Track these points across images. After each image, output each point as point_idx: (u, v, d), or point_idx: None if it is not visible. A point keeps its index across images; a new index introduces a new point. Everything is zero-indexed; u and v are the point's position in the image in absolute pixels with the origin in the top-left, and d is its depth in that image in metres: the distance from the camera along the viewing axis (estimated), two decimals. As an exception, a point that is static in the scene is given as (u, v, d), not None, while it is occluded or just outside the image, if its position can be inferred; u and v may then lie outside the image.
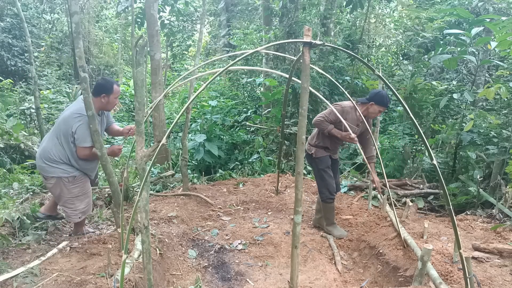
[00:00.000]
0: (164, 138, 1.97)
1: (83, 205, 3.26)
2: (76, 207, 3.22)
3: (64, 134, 3.03)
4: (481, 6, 6.53)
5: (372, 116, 3.65)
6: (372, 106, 3.55)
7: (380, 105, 3.52)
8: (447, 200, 2.05)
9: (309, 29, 1.91)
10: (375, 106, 3.53)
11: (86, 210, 3.33)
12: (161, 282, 2.93)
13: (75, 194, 3.19)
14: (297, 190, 2.07)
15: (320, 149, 3.80)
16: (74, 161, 3.12)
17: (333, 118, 3.55)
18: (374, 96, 3.53)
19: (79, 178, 3.20)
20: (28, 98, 8.56)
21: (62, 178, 3.10)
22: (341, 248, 3.74)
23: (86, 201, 3.29)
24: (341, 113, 3.48)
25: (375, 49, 9.91)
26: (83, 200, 3.26)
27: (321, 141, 3.79)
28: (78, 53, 2.73)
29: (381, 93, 3.52)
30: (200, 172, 6.39)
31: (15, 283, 2.40)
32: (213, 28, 15.82)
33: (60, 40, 13.32)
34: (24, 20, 4.66)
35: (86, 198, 3.29)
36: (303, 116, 2.01)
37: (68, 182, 3.13)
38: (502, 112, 4.87)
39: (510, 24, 3.61)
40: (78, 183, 3.19)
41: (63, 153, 3.07)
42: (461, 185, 4.65)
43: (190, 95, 4.88)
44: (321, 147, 3.80)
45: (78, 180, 3.19)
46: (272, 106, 7.52)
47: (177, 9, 7.96)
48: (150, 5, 5.45)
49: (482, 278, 2.56)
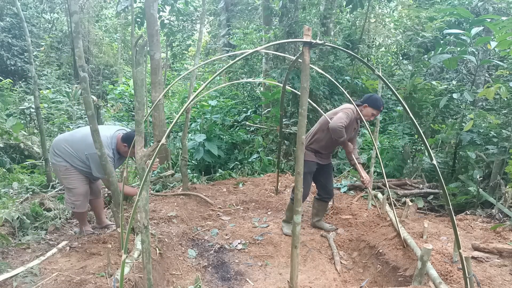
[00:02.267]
0: (164, 138, 1.97)
1: (74, 198, 3.36)
2: (70, 196, 3.38)
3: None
4: (481, 6, 6.53)
5: (366, 118, 3.58)
6: (365, 108, 3.53)
7: (373, 108, 3.50)
8: (447, 200, 2.05)
9: (309, 28, 1.90)
10: (369, 109, 3.51)
11: (79, 205, 3.38)
12: (160, 281, 2.93)
13: (65, 184, 3.37)
14: (296, 190, 2.07)
15: (310, 152, 3.70)
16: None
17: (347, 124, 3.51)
18: (368, 99, 3.53)
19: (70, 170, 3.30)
20: (27, 97, 8.56)
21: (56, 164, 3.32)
22: (341, 248, 3.74)
23: (77, 195, 3.35)
24: (353, 118, 3.49)
25: (375, 49, 9.91)
26: (75, 193, 3.35)
27: (315, 145, 3.69)
28: (77, 53, 2.73)
29: (375, 96, 3.53)
30: (200, 172, 6.39)
31: (15, 282, 2.40)
32: (213, 28, 15.80)
33: (60, 40, 13.31)
34: (23, 20, 4.64)
35: (77, 192, 3.34)
36: (303, 116, 2.00)
37: (60, 171, 3.32)
38: (501, 112, 4.87)
39: (510, 24, 3.61)
40: (68, 175, 3.31)
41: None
42: (461, 185, 4.65)
43: (190, 95, 4.88)
44: (312, 150, 3.70)
45: (69, 172, 3.30)
46: (272, 105, 7.52)
47: (177, 9, 7.95)
48: (150, 5, 5.44)
49: (481, 278, 2.56)
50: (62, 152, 3.27)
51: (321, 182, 3.90)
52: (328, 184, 3.90)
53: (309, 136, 3.76)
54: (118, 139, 3.36)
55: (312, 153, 3.70)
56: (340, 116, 3.44)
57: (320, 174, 3.85)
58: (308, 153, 3.69)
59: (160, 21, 7.71)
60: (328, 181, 3.90)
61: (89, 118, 2.84)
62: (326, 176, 3.89)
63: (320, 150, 3.70)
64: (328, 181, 3.91)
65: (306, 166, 3.70)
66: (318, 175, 3.86)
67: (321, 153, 3.72)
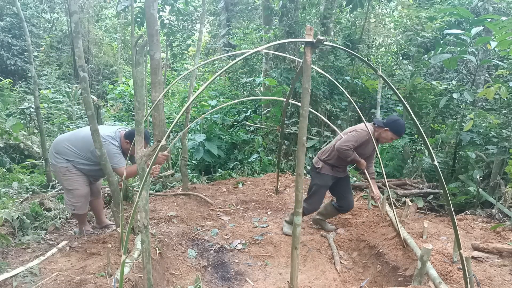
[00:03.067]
0: (164, 139, 1.97)
1: (75, 200, 3.35)
2: (70, 198, 3.36)
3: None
4: (481, 6, 6.53)
5: (383, 141, 3.53)
6: (386, 132, 3.43)
7: (394, 133, 3.41)
8: (447, 201, 2.05)
9: (311, 28, 1.88)
10: (389, 133, 3.42)
11: (79, 207, 3.37)
12: (160, 281, 2.93)
13: (65, 185, 3.34)
14: (297, 191, 2.07)
15: (327, 166, 3.67)
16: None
17: (357, 144, 3.45)
18: (392, 123, 3.41)
19: (71, 171, 3.29)
20: (27, 97, 8.55)
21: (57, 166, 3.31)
22: (341, 248, 3.74)
23: (78, 197, 3.34)
24: (366, 140, 3.42)
25: (375, 49, 9.91)
26: (75, 195, 3.33)
27: (332, 160, 3.65)
28: (77, 53, 2.73)
29: (399, 122, 3.41)
30: (199, 172, 6.39)
31: (15, 282, 2.40)
32: (213, 28, 15.80)
33: (60, 40, 13.30)
34: (23, 20, 4.64)
35: (78, 194, 3.33)
36: (304, 117, 1.99)
37: (60, 172, 3.30)
38: (501, 112, 4.87)
39: (509, 24, 3.61)
40: (69, 176, 3.29)
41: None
42: (461, 185, 4.66)
43: (190, 95, 4.88)
44: (329, 164, 3.67)
45: (70, 173, 3.29)
46: (272, 105, 7.52)
47: (177, 9, 7.94)
48: (149, 5, 5.43)
49: (481, 277, 2.56)
50: (63, 153, 3.25)
51: (341, 193, 3.86)
52: (347, 195, 3.83)
53: (326, 151, 3.72)
54: (121, 135, 3.36)
55: (329, 167, 3.67)
56: (348, 139, 3.42)
57: (338, 185, 3.82)
58: (326, 167, 3.67)
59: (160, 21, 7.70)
60: (347, 192, 3.85)
61: (89, 118, 2.84)
62: (345, 188, 3.85)
63: (336, 164, 3.66)
64: (347, 191, 3.85)
65: (324, 179, 3.68)
66: (336, 187, 3.83)
67: (338, 167, 3.69)
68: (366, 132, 3.41)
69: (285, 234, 3.91)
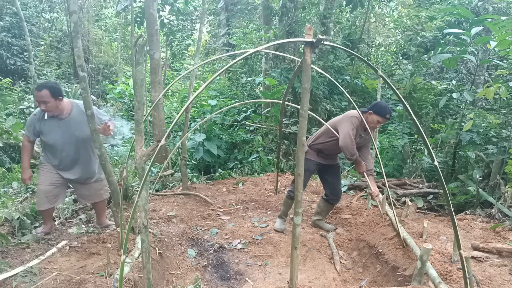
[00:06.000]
0: (163, 139, 1.97)
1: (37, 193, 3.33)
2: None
3: None
4: (481, 5, 6.54)
5: (371, 126, 3.51)
6: (370, 115, 3.45)
7: (378, 115, 3.42)
8: (447, 201, 2.05)
9: (311, 28, 1.87)
10: (374, 116, 3.44)
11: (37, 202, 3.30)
12: (160, 281, 2.93)
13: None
14: (297, 192, 2.06)
15: (312, 151, 3.70)
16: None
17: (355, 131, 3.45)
18: (373, 106, 3.47)
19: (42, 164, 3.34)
20: (27, 97, 8.55)
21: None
22: (341, 248, 3.74)
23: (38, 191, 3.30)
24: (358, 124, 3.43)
25: (374, 48, 9.91)
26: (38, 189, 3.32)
27: (320, 145, 3.67)
28: (77, 52, 2.72)
29: (381, 104, 3.45)
30: (199, 172, 6.39)
31: (15, 282, 2.40)
32: (213, 27, 15.80)
33: (60, 39, 13.29)
34: (23, 19, 4.65)
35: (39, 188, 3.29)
36: (303, 117, 1.99)
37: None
38: (501, 112, 4.87)
39: (509, 24, 3.61)
40: (40, 169, 3.34)
41: None
42: (461, 185, 4.66)
43: (189, 94, 4.88)
44: (314, 149, 3.70)
45: (41, 166, 3.34)
46: (271, 105, 7.52)
47: (176, 8, 7.95)
48: (149, 4, 5.44)
49: (481, 277, 2.56)
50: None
51: (329, 182, 3.88)
52: (335, 185, 3.85)
53: (313, 137, 3.77)
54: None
55: (315, 152, 3.71)
56: (346, 132, 3.37)
57: (327, 174, 3.85)
58: (311, 152, 3.70)
59: (160, 21, 7.70)
60: (335, 182, 3.85)
61: (88, 118, 2.84)
62: (334, 177, 3.85)
63: (322, 150, 3.70)
64: (336, 181, 3.86)
65: (306, 164, 3.72)
66: (325, 175, 3.86)
67: (323, 153, 3.71)
68: (356, 117, 3.43)
69: (275, 230, 3.93)
